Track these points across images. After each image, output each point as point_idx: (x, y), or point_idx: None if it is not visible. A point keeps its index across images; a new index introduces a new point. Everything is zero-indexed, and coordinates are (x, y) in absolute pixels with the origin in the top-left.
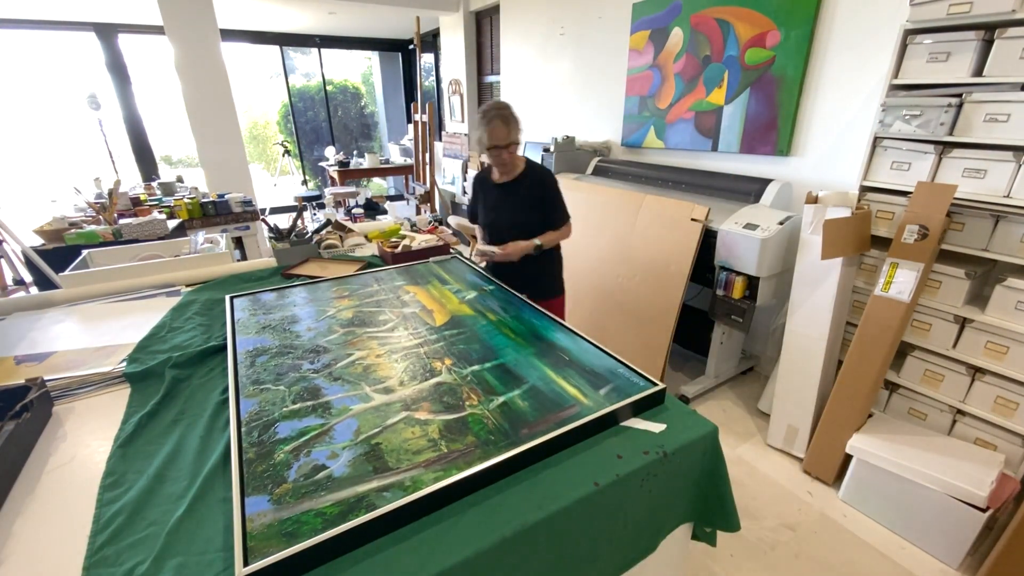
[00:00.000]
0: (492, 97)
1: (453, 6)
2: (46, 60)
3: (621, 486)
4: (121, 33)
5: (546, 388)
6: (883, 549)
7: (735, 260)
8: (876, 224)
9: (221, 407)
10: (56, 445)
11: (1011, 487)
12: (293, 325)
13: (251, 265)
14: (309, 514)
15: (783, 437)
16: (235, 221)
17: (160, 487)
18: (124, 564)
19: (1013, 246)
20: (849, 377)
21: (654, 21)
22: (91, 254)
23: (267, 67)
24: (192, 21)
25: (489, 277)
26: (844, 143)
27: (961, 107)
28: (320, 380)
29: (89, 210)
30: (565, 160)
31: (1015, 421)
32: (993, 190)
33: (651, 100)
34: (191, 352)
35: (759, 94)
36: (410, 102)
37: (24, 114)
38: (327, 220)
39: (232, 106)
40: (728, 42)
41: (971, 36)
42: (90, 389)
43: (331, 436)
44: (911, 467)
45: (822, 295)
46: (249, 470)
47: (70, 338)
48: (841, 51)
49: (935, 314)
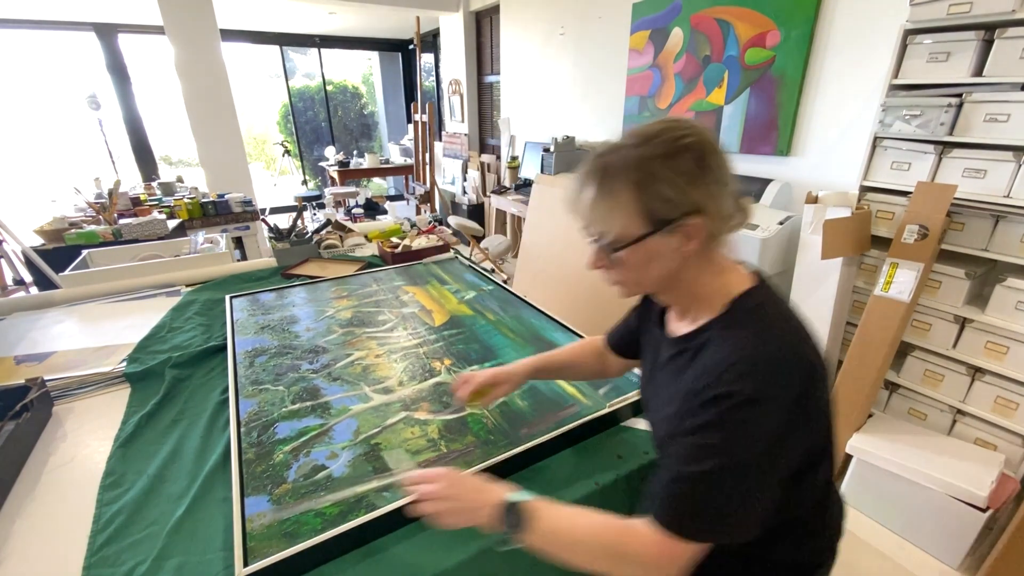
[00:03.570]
0: (492, 97)
1: (453, 6)
2: (46, 60)
3: (621, 486)
4: (121, 33)
5: (545, 387)
6: (883, 549)
7: None
8: (876, 224)
9: (221, 407)
10: (56, 445)
11: (1011, 487)
12: (292, 325)
13: (251, 265)
14: (309, 514)
15: None
16: (235, 221)
17: (160, 487)
18: (124, 564)
19: (1013, 246)
20: (849, 377)
21: (654, 21)
22: (91, 254)
23: (267, 67)
24: (192, 21)
25: (489, 277)
26: (844, 143)
27: (961, 107)
28: (319, 380)
29: (89, 210)
30: (565, 160)
31: (1015, 421)
32: (993, 190)
33: (651, 100)
34: (191, 352)
35: (759, 94)
36: (410, 102)
37: (24, 114)
38: (327, 220)
39: (232, 106)
40: (728, 42)
41: (971, 36)
42: (90, 389)
43: (330, 436)
44: (911, 467)
45: (822, 295)
46: (249, 470)
47: (70, 338)
48: (841, 51)
49: (935, 314)
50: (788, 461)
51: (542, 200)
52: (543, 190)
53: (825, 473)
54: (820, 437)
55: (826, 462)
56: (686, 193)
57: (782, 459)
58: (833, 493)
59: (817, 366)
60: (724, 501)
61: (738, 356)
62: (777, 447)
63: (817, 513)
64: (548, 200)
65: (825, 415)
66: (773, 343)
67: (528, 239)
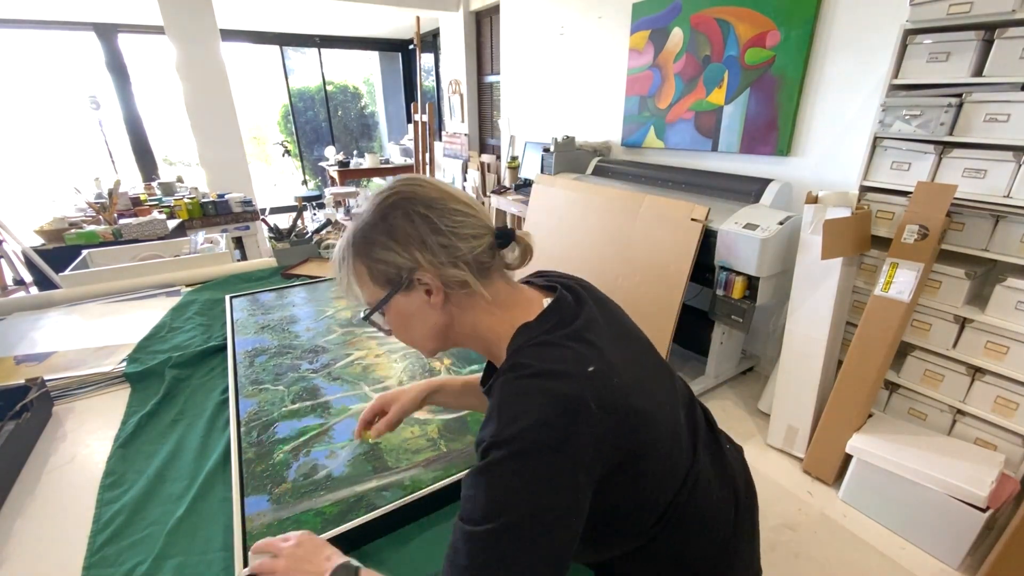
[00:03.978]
0: (492, 97)
1: (453, 6)
2: (46, 60)
3: None
4: (121, 33)
5: None
6: (883, 549)
7: (735, 260)
8: (876, 224)
9: (221, 407)
10: (56, 445)
11: (1011, 487)
12: (292, 325)
13: (251, 265)
14: (308, 514)
15: (783, 437)
16: (235, 221)
17: (160, 487)
18: (124, 564)
19: (1013, 246)
20: (849, 377)
21: (654, 21)
22: (91, 254)
23: (267, 67)
24: (192, 21)
25: None
26: (844, 143)
27: (961, 107)
28: (319, 380)
29: (89, 210)
30: (565, 160)
31: (1015, 421)
32: (993, 190)
33: (651, 100)
34: (191, 352)
35: (759, 94)
36: (410, 102)
37: (24, 114)
38: (327, 220)
39: (232, 106)
40: (728, 42)
41: (971, 36)
42: (90, 389)
43: (330, 436)
44: (911, 467)
45: (822, 295)
46: (249, 470)
47: (70, 338)
48: (841, 51)
49: (935, 314)
50: (572, 508)
51: (542, 200)
52: (543, 190)
53: (665, 495)
54: (621, 468)
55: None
56: (400, 252)
57: (559, 510)
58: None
59: (585, 400)
60: (496, 565)
61: (497, 409)
62: (548, 498)
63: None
64: (548, 200)
65: (620, 448)
66: (533, 387)
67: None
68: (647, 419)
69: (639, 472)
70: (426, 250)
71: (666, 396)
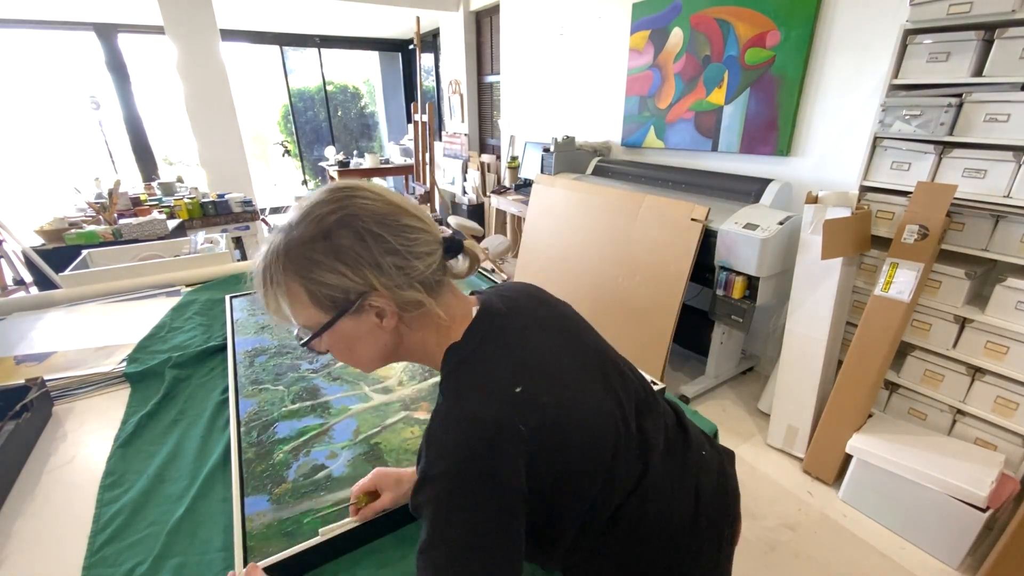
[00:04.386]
0: (492, 97)
1: (453, 6)
2: (46, 60)
3: None
4: (121, 33)
5: None
6: (883, 549)
7: (735, 260)
8: (876, 224)
9: (221, 407)
10: (56, 445)
11: (1011, 487)
12: (292, 325)
13: (251, 265)
14: (308, 514)
15: (783, 437)
16: (235, 221)
17: (160, 487)
18: (124, 564)
19: (1013, 246)
20: (849, 377)
21: (654, 21)
22: (91, 254)
23: (267, 67)
24: (192, 21)
25: (489, 277)
26: (844, 143)
27: (961, 107)
28: (319, 380)
29: (89, 210)
30: (565, 160)
31: (1015, 421)
32: (993, 190)
33: (651, 100)
34: (191, 352)
35: (759, 94)
36: (410, 102)
37: (24, 114)
38: None
39: (232, 106)
40: (728, 42)
41: (971, 36)
42: (90, 389)
43: (330, 436)
44: (911, 467)
45: (822, 295)
46: (249, 470)
47: (70, 338)
48: (841, 51)
49: (935, 314)
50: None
51: (542, 200)
52: (543, 190)
53: (608, 505)
54: (557, 483)
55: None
56: (350, 275)
57: (497, 531)
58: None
59: (512, 424)
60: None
61: (426, 442)
62: (484, 524)
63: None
64: (548, 200)
65: (554, 464)
66: (461, 415)
67: (528, 239)
68: (581, 434)
69: (577, 487)
70: (381, 273)
71: (609, 406)
